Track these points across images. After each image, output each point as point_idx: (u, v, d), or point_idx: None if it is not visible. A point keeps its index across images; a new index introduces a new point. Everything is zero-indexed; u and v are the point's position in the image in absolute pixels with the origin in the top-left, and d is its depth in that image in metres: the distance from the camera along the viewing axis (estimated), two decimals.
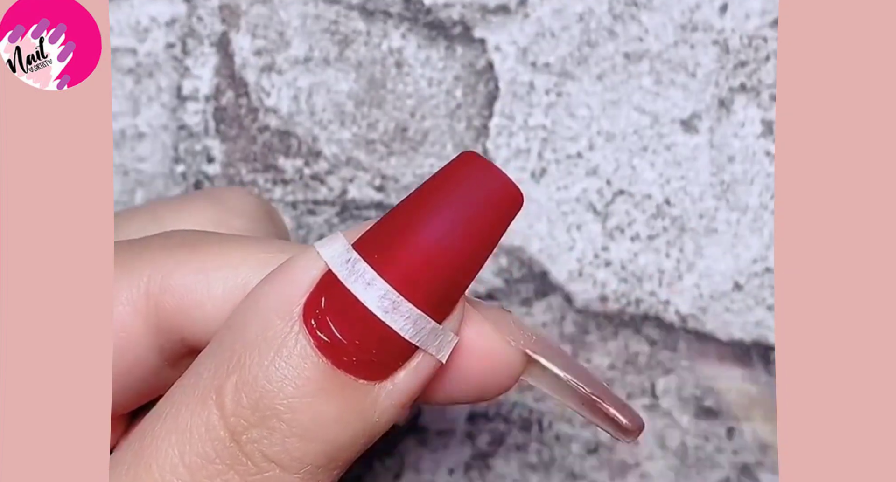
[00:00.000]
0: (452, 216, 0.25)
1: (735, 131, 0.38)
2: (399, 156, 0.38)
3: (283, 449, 0.24)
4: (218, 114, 0.38)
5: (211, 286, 0.26)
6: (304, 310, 0.24)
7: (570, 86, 0.38)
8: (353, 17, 0.38)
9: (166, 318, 0.27)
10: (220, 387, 0.24)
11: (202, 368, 0.25)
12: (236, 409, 0.24)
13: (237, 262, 0.27)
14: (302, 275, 0.25)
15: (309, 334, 0.24)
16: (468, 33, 0.38)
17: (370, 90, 0.38)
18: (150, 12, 0.38)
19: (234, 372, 0.24)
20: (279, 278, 0.25)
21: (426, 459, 0.38)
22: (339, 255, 0.25)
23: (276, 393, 0.24)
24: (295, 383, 0.24)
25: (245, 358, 0.24)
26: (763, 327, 0.38)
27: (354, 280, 0.24)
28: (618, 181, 0.38)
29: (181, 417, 0.25)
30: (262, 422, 0.24)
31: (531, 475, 0.38)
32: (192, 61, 0.38)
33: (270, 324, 0.24)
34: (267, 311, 0.25)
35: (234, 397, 0.24)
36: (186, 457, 0.24)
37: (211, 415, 0.24)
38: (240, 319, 0.25)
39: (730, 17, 0.38)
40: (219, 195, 0.32)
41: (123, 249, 0.27)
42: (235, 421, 0.24)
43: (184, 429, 0.24)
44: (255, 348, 0.24)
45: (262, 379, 0.24)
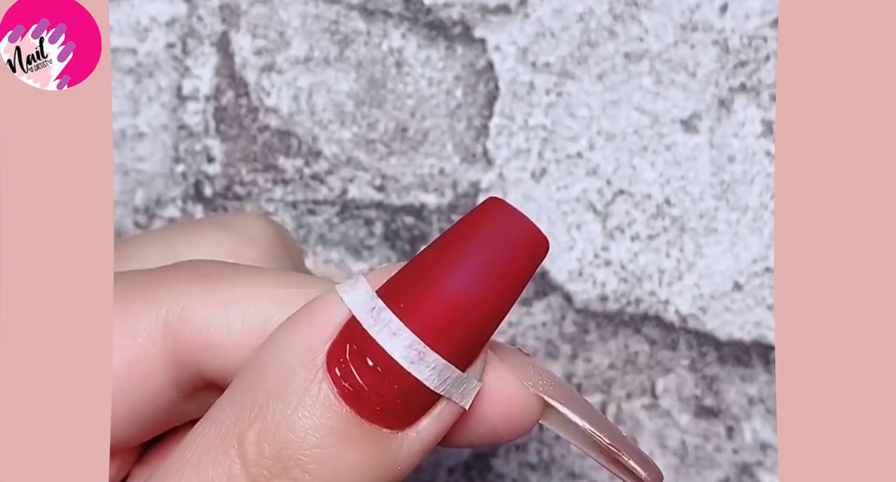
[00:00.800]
0: (479, 265, 0.24)
1: (735, 131, 0.38)
2: (399, 155, 0.38)
3: None
4: (218, 113, 0.38)
5: (230, 321, 0.26)
6: (328, 358, 0.24)
7: (571, 86, 0.38)
8: (354, 16, 0.38)
9: (184, 352, 0.26)
10: (241, 436, 0.24)
11: (223, 415, 0.25)
12: (259, 459, 0.24)
13: (257, 297, 0.26)
14: (325, 321, 0.24)
15: (332, 383, 0.24)
16: (468, 33, 0.38)
17: (370, 90, 0.38)
18: (150, 12, 0.38)
19: (257, 420, 0.24)
20: (302, 324, 0.25)
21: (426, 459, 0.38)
22: (364, 303, 0.24)
23: (300, 443, 0.24)
24: (318, 433, 0.24)
25: (267, 406, 0.24)
26: (763, 327, 0.38)
27: (380, 329, 0.24)
28: (618, 181, 0.38)
29: (202, 466, 0.24)
30: (285, 473, 0.24)
31: (531, 475, 0.38)
32: (192, 61, 0.38)
33: (293, 371, 0.24)
34: (289, 358, 0.24)
35: (257, 447, 0.24)
36: None
37: (233, 465, 0.24)
38: (261, 365, 0.25)
39: (730, 17, 0.38)
40: (233, 222, 0.32)
41: (140, 280, 0.27)
42: (258, 471, 0.24)
43: (205, 478, 0.24)
44: (277, 396, 0.24)
45: (284, 428, 0.24)
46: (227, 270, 0.27)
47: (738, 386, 0.38)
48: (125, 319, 0.26)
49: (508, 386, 0.26)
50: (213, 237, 0.30)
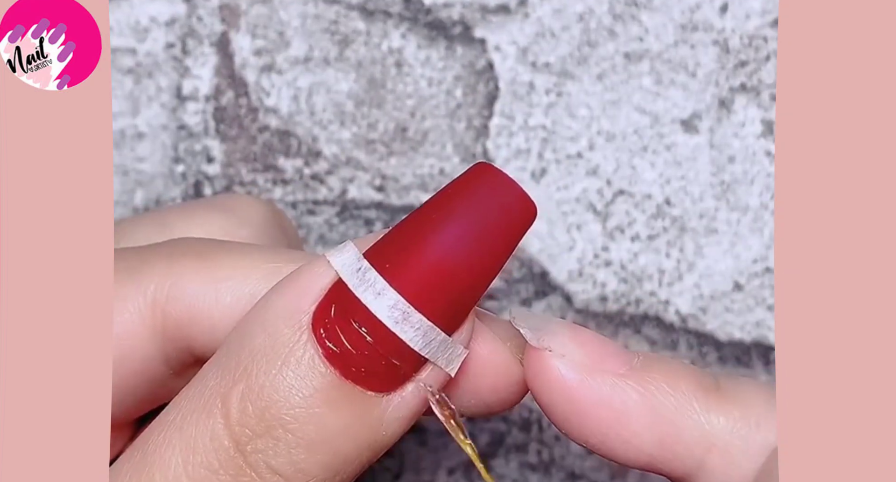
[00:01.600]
0: (465, 227, 0.24)
1: (735, 131, 0.38)
2: (399, 156, 0.38)
3: (288, 460, 0.24)
4: (218, 114, 0.38)
5: (219, 296, 0.26)
6: (313, 320, 0.24)
7: (571, 86, 0.38)
8: (353, 16, 0.38)
9: (173, 327, 0.26)
10: (225, 396, 0.24)
11: (208, 377, 0.25)
12: (242, 418, 0.24)
13: (246, 272, 0.26)
14: (311, 283, 0.24)
15: (317, 343, 0.24)
16: (468, 33, 0.38)
17: (370, 90, 0.38)
18: (149, 12, 0.38)
19: (241, 380, 0.24)
20: (288, 287, 0.25)
21: (426, 459, 0.38)
22: (350, 264, 0.24)
23: (283, 402, 0.24)
24: (302, 393, 0.24)
25: (252, 366, 0.24)
26: (763, 327, 0.38)
27: (364, 289, 0.24)
28: (618, 181, 0.38)
29: (185, 426, 0.24)
30: (268, 432, 0.24)
31: (531, 475, 0.38)
32: (191, 61, 0.38)
33: (278, 332, 0.24)
34: (275, 320, 0.24)
35: (240, 406, 0.24)
36: (190, 467, 0.24)
37: (216, 425, 0.24)
38: (247, 327, 0.25)
39: (730, 17, 0.38)
40: (227, 203, 0.32)
41: (130, 256, 0.27)
42: (240, 430, 0.24)
43: (188, 438, 0.24)
44: (262, 357, 0.24)
45: (268, 388, 0.24)
46: (218, 247, 0.27)
47: None
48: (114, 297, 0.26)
49: (498, 355, 0.26)
50: (207, 217, 0.31)
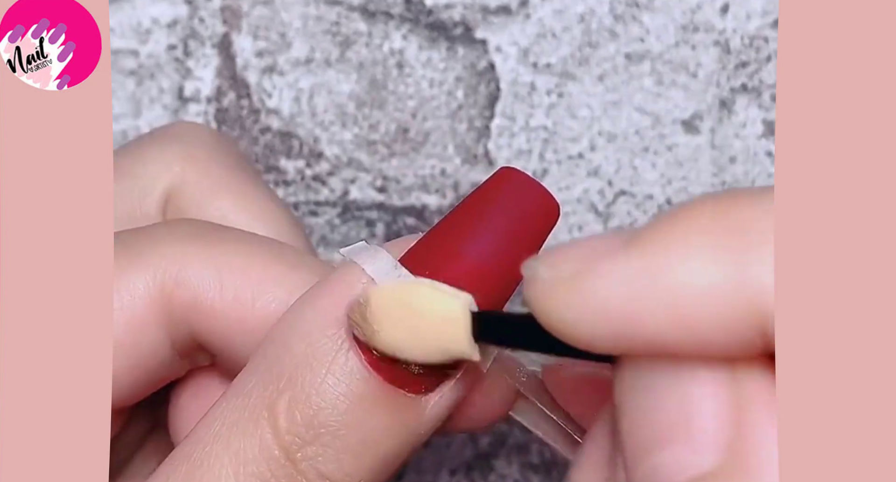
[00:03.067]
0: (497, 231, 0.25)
1: (736, 132, 0.38)
2: (400, 157, 0.38)
3: (337, 466, 0.25)
4: (219, 115, 0.38)
5: (223, 288, 0.27)
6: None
7: (572, 86, 0.38)
8: (355, 18, 0.38)
9: (178, 311, 0.27)
10: (271, 406, 0.25)
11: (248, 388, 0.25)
12: (290, 427, 0.24)
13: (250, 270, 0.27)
14: (348, 291, 0.25)
15: (359, 350, 0.25)
16: (469, 34, 0.38)
17: (371, 91, 0.38)
18: (151, 14, 0.38)
19: (286, 390, 0.25)
20: (323, 295, 0.25)
21: (428, 460, 0.38)
22: (388, 272, 0.25)
23: (330, 410, 0.24)
24: (348, 399, 0.25)
25: (296, 376, 0.25)
26: None
27: None
28: (619, 182, 0.38)
29: (233, 438, 0.25)
30: (317, 440, 0.24)
31: (532, 476, 0.38)
32: (193, 63, 0.38)
33: (319, 341, 0.25)
34: (314, 328, 0.25)
35: (288, 415, 0.24)
36: (242, 477, 0.24)
37: (264, 435, 0.25)
38: (284, 337, 0.25)
39: (731, 18, 0.38)
40: (171, 132, 0.32)
41: (134, 239, 0.27)
42: (290, 439, 0.24)
43: (237, 449, 0.25)
44: (305, 366, 0.25)
45: (315, 396, 0.24)
46: (224, 235, 0.28)
47: None
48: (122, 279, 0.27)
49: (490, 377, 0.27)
50: (159, 150, 0.31)
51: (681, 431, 0.21)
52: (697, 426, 0.21)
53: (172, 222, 0.29)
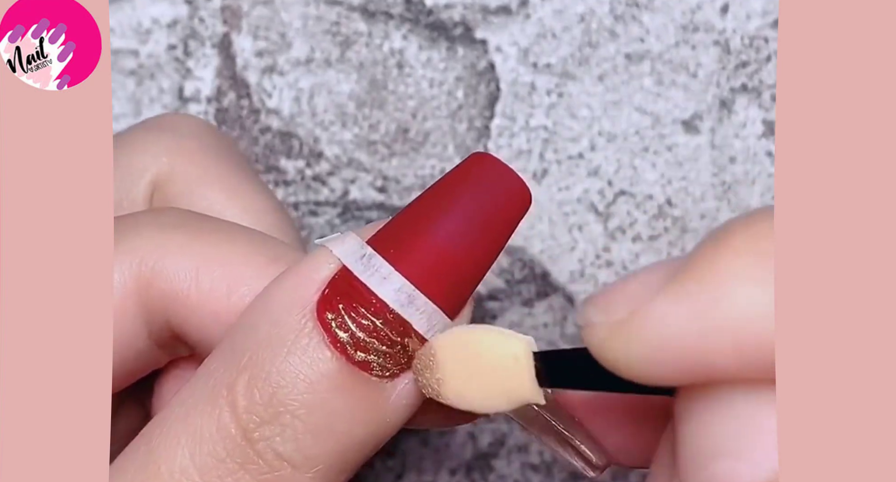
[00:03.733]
0: (466, 214, 0.25)
1: (736, 132, 0.38)
2: (401, 157, 0.38)
3: (295, 447, 0.24)
4: (220, 115, 0.38)
5: (200, 279, 0.27)
6: (318, 307, 0.24)
7: (572, 86, 0.38)
8: (355, 18, 0.38)
9: (155, 301, 0.27)
10: (231, 384, 0.24)
11: (212, 367, 0.25)
12: (249, 406, 0.24)
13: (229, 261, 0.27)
14: (314, 272, 0.25)
15: (323, 330, 0.24)
16: (469, 34, 0.38)
17: (371, 91, 0.38)
18: (151, 14, 0.38)
19: (246, 369, 0.24)
20: (290, 277, 0.25)
21: (428, 460, 0.38)
22: (354, 252, 0.25)
23: (290, 389, 0.24)
24: (309, 379, 0.24)
25: (257, 354, 0.24)
26: None
27: (370, 274, 0.25)
28: (619, 182, 0.38)
29: (191, 417, 0.24)
30: (275, 419, 0.24)
31: (533, 475, 0.38)
32: (193, 63, 0.38)
33: (283, 320, 0.24)
34: (279, 308, 0.25)
35: (246, 394, 0.24)
36: (197, 457, 0.24)
37: (222, 413, 0.24)
38: (250, 319, 0.25)
39: (731, 18, 0.38)
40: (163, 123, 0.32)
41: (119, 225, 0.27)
42: (248, 418, 0.24)
43: (194, 428, 0.24)
44: (267, 345, 0.24)
45: (275, 375, 0.24)
46: (206, 225, 0.28)
47: None
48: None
49: None
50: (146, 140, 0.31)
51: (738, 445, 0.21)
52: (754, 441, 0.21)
53: (154, 210, 0.28)
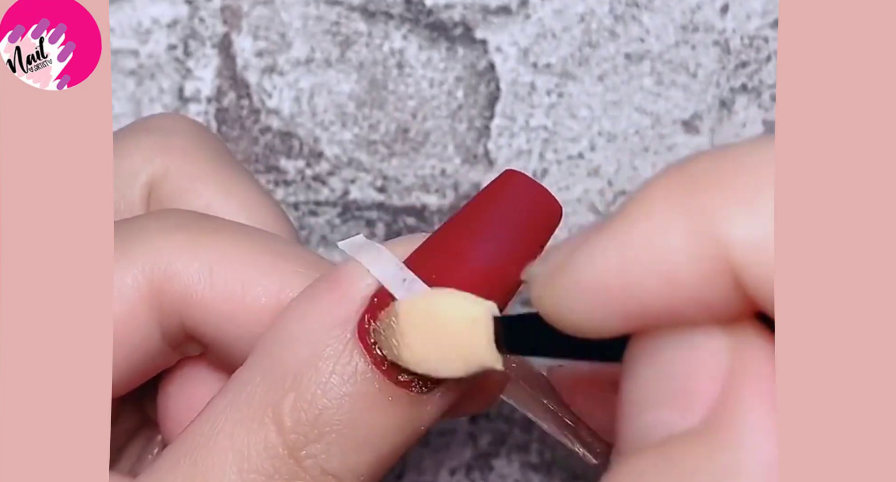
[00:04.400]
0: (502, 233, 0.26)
1: (736, 132, 0.38)
2: (401, 157, 0.38)
3: (341, 462, 0.25)
4: (220, 115, 0.38)
5: (213, 279, 0.27)
6: (359, 328, 0.25)
7: (572, 86, 0.38)
8: (355, 18, 0.38)
9: (168, 304, 0.27)
10: (276, 405, 0.25)
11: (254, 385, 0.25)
12: (296, 427, 0.25)
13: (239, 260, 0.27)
14: (353, 291, 0.25)
15: (365, 351, 0.25)
16: (469, 34, 0.38)
17: (371, 91, 0.38)
18: (151, 14, 0.38)
19: (291, 390, 0.25)
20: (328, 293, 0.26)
21: (428, 459, 0.38)
22: (394, 275, 0.25)
23: (335, 409, 0.25)
24: (353, 399, 0.25)
25: (301, 376, 0.25)
26: None
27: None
28: (619, 182, 0.38)
29: (236, 436, 0.25)
30: (322, 438, 0.25)
31: (533, 475, 0.38)
32: (193, 63, 0.38)
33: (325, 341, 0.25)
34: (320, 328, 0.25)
35: (293, 415, 0.25)
36: (245, 474, 0.25)
37: (269, 433, 0.25)
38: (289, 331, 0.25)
39: (731, 18, 0.38)
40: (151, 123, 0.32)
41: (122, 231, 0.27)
42: (295, 438, 0.25)
43: (241, 446, 0.25)
44: (311, 367, 0.25)
45: (320, 396, 0.25)
46: (212, 225, 0.28)
47: None
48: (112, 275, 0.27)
49: None
50: (138, 142, 0.31)
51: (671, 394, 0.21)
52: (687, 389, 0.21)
53: (159, 213, 0.29)
